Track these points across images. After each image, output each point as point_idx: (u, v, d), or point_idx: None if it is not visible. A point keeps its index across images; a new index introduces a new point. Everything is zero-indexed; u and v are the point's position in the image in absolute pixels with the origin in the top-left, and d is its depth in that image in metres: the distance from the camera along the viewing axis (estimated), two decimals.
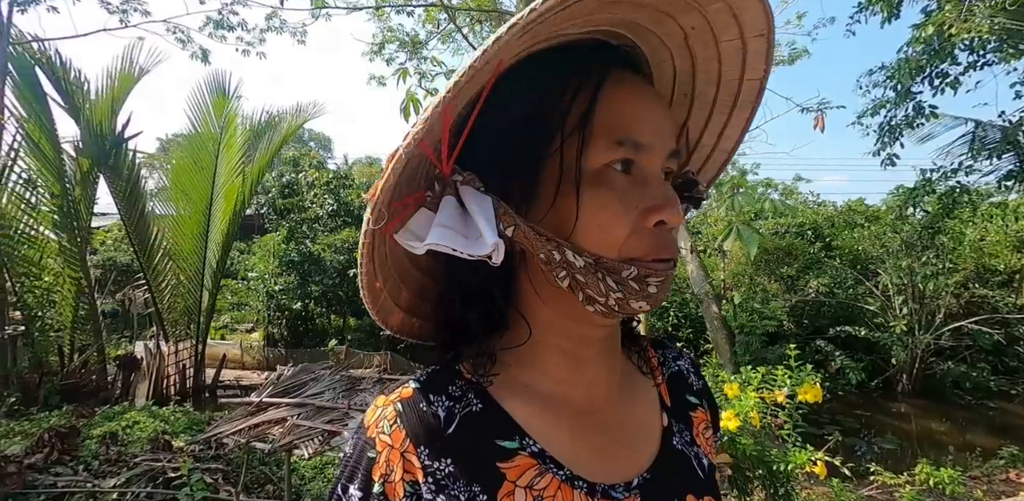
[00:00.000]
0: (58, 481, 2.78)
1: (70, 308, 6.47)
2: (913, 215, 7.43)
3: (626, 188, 0.43)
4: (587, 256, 0.42)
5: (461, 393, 0.48)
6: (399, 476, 0.44)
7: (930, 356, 7.92)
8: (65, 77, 6.36)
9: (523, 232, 0.42)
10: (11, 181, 6.00)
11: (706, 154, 0.58)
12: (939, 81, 4.61)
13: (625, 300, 0.42)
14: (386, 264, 0.49)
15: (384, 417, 0.47)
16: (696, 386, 0.61)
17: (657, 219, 0.42)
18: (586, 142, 0.42)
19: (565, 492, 0.45)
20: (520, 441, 0.46)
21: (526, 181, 0.44)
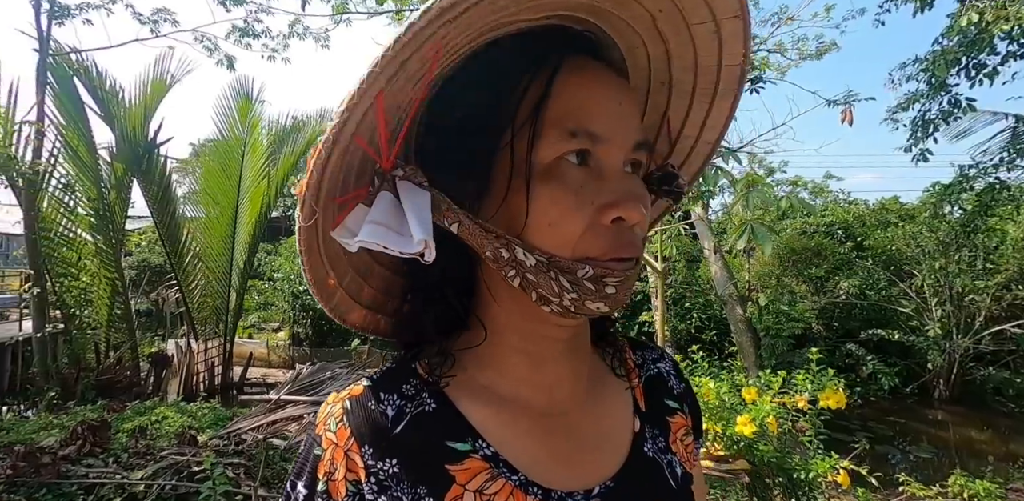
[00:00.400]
0: (89, 472, 2.89)
1: (106, 307, 6.75)
2: (951, 213, 7.12)
3: (581, 182, 0.40)
4: (539, 254, 0.40)
5: (415, 392, 0.46)
6: (342, 475, 0.43)
7: (969, 361, 7.57)
8: (101, 86, 6.64)
9: (467, 229, 0.41)
10: (51, 186, 6.30)
11: (689, 146, 0.55)
12: (976, 72, 4.40)
13: (581, 301, 0.40)
14: (341, 261, 0.47)
15: (332, 414, 0.46)
16: (677, 389, 0.58)
17: (614, 215, 0.40)
18: (537, 134, 0.40)
19: (517, 498, 0.43)
20: (473, 443, 0.44)
21: (476, 176, 0.42)
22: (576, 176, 0.41)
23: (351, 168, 0.41)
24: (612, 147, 0.41)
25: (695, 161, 0.56)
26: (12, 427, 3.97)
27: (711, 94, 0.50)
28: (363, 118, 0.36)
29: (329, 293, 0.48)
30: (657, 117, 0.52)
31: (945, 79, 4.60)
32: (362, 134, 0.37)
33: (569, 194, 0.40)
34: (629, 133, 0.42)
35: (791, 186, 17.00)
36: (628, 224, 0.41)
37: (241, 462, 3.09)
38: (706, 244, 6.75)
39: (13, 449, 2.94)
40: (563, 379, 0.49)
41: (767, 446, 2.11)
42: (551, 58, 0.42)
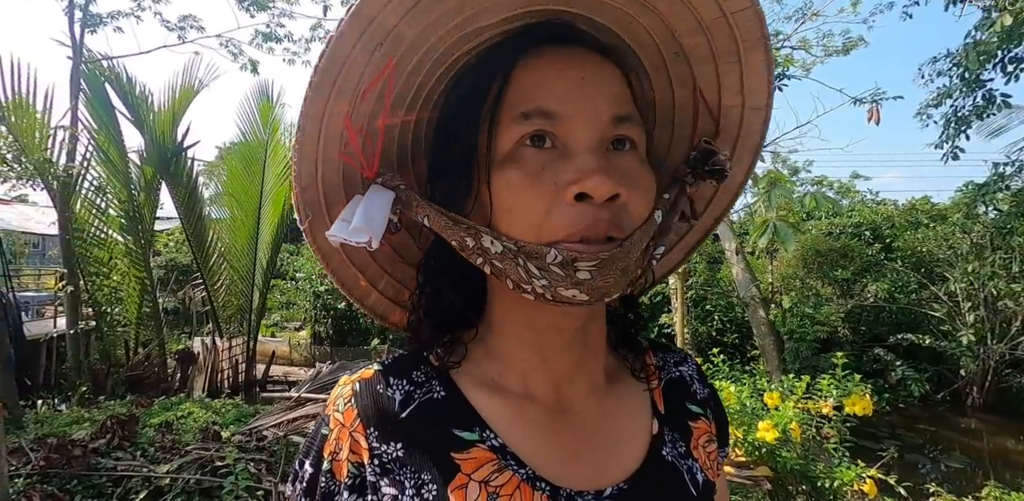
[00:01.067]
0: (118, 465, 2.98)
1: (135, 305, 6.96)
2: (985, 214, 6.85)
3: (541, 163, 0.40)
4: (506, 241, 0.40)
5: (424, 379, 0.47)
6: (345, 455, 0.44)
7: (1005, 368, 7.27)
8: (131, 92, 6.86)
9: (434, 220, 0.42)
10: (84, 188, 6.52)
11: (737, 117, 0.49)
12: (1013, 67, 4.22)
13: (552, 288, 0.39)
14: (371, 265, 0.50)
15: (341, 396, 0.47)
16: (700, 395, 0.56)
17: (576, 191, 0.38)
18: (495, 125, 0.41)
19: (524, 492, 0.42)
20: (480, 433, 0.44)
21: (460, 175, 0.44)
22: (535, 158, 0.40)
23: (352, 179, 0.45)
24: (576, 123, 0.40)
25: (751, 133, 0.51)
26: (46, 420, 4.12)
27: (735, 53, 0.45)
28: (341, 138, 0.41)
29: (362, 294, 0.51)
30: (688, 92, 0.49)
31: (978, 74, 4.42)
32: (349, 155, 0.42)
33: (523, 176, 0.40)
34: (599, 107, 0.41)
35: (816, 185, 16.62)
36: (597, 201, 0.38)
37: (262, 458, 3.14)
38: (728, 245, 6.63)
39: (46, 441, 3.04)
40: (572, 373, 0.48)
41: (790, 453, 2.06)
42: (512, 54, 0.42)
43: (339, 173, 0.44)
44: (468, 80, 0.45)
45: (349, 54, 0.37)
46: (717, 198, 0.55)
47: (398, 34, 0.38)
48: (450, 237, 0.42)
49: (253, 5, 7.39)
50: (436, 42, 0.41)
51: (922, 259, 8.43)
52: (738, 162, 0.52)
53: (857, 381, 2.12)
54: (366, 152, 0.43)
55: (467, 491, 0.41)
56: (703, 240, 0.58)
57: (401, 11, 0.36)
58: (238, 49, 7.90)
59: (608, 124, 0.41)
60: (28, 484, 2.76)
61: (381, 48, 0.38)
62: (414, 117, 0.46)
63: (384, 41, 0.38)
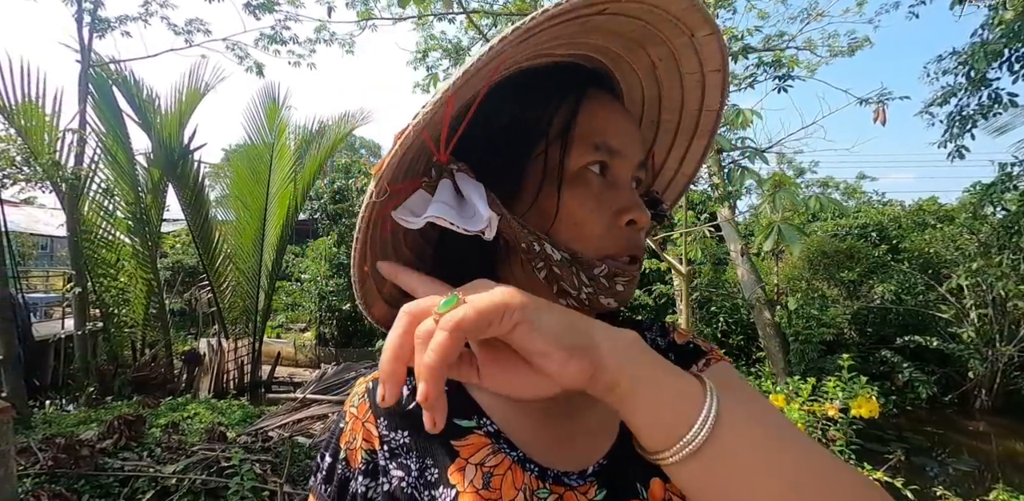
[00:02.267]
0: (125, 465, 3.00)
1: (142, 306, 7.01)
2: (993, 214, 6.79)
3: (601, 189, 0.47)
4: (564, 250, 0.45)
5: None
6: (359, 444, 0.49)
7: (1014, 370, 7.19)
8: (138, 95, 6.92)
9: (507, 222, 0.45)
10: (92, 190, 6.58)
11: (669, 177, 0.63)
12: (1020, 66, 4.18)
13: (595, 295, 0.45)
14: (375, 249, 0.51)
15: (356, 393, 0.52)
16: (661, 347, 0.57)
17: (629, 218, 0.46)
18: (568, 146, 0.47)
19: (515, 472, 0.46)
20: (477, 421, 0.49)
21: (511, 179, 0.48)
22: (597, 184, 0.47)
23: (403, 161, 0.45)
24: (625, 161, 0.48)
25: (673, 191, 0.64)
26: (54, 420, 4.16)
27: (691, 133, 0.58)
28: (433, 116, 0.40)
29: (361, 278, 0.51)
30: (644, 142, 0.58)
31: (985, 73, 4.39)
32: (429, 130, 0.42)
33: (592, 198, 0.46)
34: (637, 152, 0.50)
35: (822, 187, 16.53)
36: (639, 228, 0.47)
37: (268, 459, 3.16)
38: (733, 246, 6.61)
39: (54, 441, 3.07)
40: None
41: None
42: (576, 86, 0.49)
43: (412, 152, 0.44)
44: (527, 88, 0.48)
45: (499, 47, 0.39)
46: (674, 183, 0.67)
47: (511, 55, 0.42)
48: (520, 240, 0.45)
49: (259, 8, 7.44)
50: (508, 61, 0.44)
51: (929, 260, 8.36)
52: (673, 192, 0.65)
53: (863, 383, 2.11)
54: (448, 136, 0.44)
55: (465, 473, 0.46)
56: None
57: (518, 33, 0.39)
58: (244, 52, 7.96)
59: (636, 166, 0.50)
60: (36, 484, 2.79)
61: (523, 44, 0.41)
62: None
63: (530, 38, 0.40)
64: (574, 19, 0.42)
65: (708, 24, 0.47)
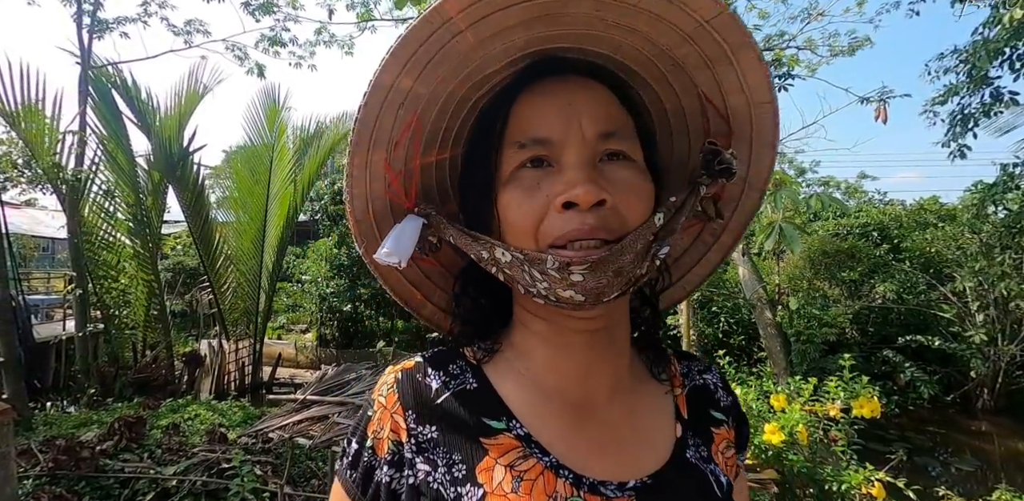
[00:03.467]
0: (125, 467, 3.00)
1: (143, 308, 7.01)
2: (995, 214, 6.78)
3: (536, 180, 0.46)
4: (514, 250, 0.45)
5: (459, 372, 0.51)
6: (386, 434, 0.48)
7: (1016, 369, 7.18)
8: (138, 97, 6.93)
9: (456, 238, 0.50)
10: (92, 192, 6.59)
11: (746, 114, 0.52)
12: (1021, 64, 4.17)
13: (552, 290, 0.44)
14: (425, 283, 0.59)
15: (385, 382, 0.52)
16: (724, 403, 0.59)
17: (563, 200, 0.43)
18: (499, 153, 0.48)
19: (548, 478, 0.45)
20: (507, 422, 0.48)
21: (479, 200, 0.50)
22: (532, 177, 0.46)
23: (399, 210, 0.53)
24: (567, 147, 0.46)
25: (763, 128, 0.52)
26: (55, 422, 4.16)
27: (725, 55, 0.47)
28: (384, 179, 0.49)
29: (418, 306, 0.59)
30: (694, 98, 0.52)
31: (986, 71, 4.37)
32: (391, 190, 0.51)
33: (521, 192, 0.46)
34: (585, 128, 0.46)
35: (823, 186, 16.51)
36: (583, 207, 0.43)
37: (268, 460, 3.15)
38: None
39: (55, 443, 3.07)
40: (594, 372, 0.51)
41: (797, 456, 2.04)
42: (514, 91, 0.49)
43: (387, 207, 0.52)
44: (484, 118, 0.51)
45: (377, 117, 0.45)
46: (745, 197, 0.57)
47: (415, 93, 0.45)
48: (470, 251, 0.49)
49: (258, 10, 7.45)
50: (453, 91, 0.48)
51: (931, 260, 8.34)
52: (758, 160, 0.54)
53: (865, 383, 2.10)
54: (406, 189, 0.51)
55: (493, 473, 0.45)
56: (739, 240, 0.61)
57: (413, 75, 0.43)
58: (244, 53, 7.96)
59: (595, 141, 0.46)
60: (37, 485, 2.79)
61: (403, 107, 0.45)
62: (447, 155, 0.54)
63: (404, 101, 0.45)
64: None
65: None
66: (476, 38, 0.43)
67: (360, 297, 10.49)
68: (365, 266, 5.17)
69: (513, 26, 0.44)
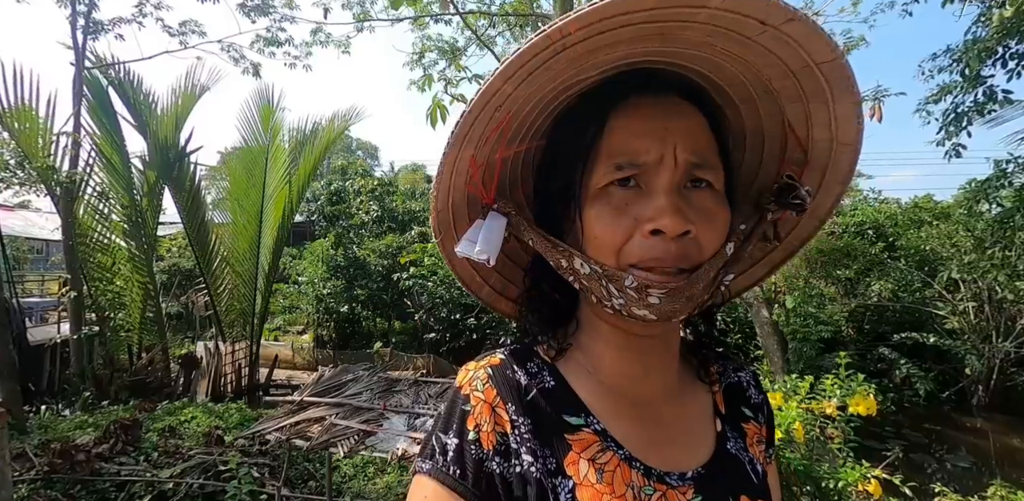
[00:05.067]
0: (121, 470, 2.98)
1: (138, 310, 6.98)
2: (989, 211, 6.81)
3: (626, 201, 0.48)
4: (593, 264, 0.48)
5: (537, 370, 0.55)
6: (491, 427, 0.50)
7: (1011, 366, 7.22)
8: (134, 97, 6.90)
9: (537, 242, 0.52)
10: (87, 194, 6.55)
11: (827, 149, 0.53)
12: (1014, 63, 4.19)
13: (627, 306, 0.47)
14: (485, 267, 0.59)
15: (477, 378, 0.54)
16: (754, 400, 0.63)
17: (651, 227, 0.45)
18: (589, 168, 0.49)
19: (623, 470, 0.49)
20: (585, 419, 0.52)
21: (562, 205, 0.53)
22: (621, 196, 0.48)
23: (474, 204, 0.56)
24: (659, 172, 0.47)
25: (840, 165, 0.54)
26: (49, 425, 4.13)
27: (823, 94, 0.48)
28: (467, 174, 0.52)
29: (477, 288, 0.63)
30: (777, 123, 0.54)
31: (979, 70, 4.39)
32: (472, 183, 0.53)
33: (610, 211, 0.48)
34: (679, 157, 0.47)
35: None
36: (670, 236, 0.45)
37: (266, 462, 3.14)
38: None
39: (50, 446, 3.05)
40: (651, 373, 0.56)
41: (793, 454, 2.05)
42: (607, 103, 0.50)
43: (464, 200, 0.55)
44: (570, 122, 0.53)
45: (476, 118, 0.47)
46: (803, 223, 0.59)
47: (515, 97, 0.46)
48: (549, 257, 0.52)
49: (254, 10, 7.43)
50: (545, 94, 0.49)
51: (925, 257, 8.38)
52: (827, 191, 0.56)
53: (860, 380, 2.11)
54: (485, 183, 0.53)
55: (579, 466, 0.48)
56: (788, 259, 0.63)
57: (516, 82, 0.45)
58: (239, 54, 7.94)
59: (685, 170, 0.47)
60: (32, 489, 2.77)
61: (500, 109, 0.47)
62: (523, 148, 0.56)
63: (503, 104, 0.46)
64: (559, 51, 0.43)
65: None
66: (585, 50, 0.44)
67: (357, 298, 10.47)
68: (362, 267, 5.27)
69: (623, 41, 0.45)
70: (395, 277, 9.79)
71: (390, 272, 10.26)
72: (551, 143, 0.56)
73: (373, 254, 10.72)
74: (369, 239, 11.45)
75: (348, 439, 2.23)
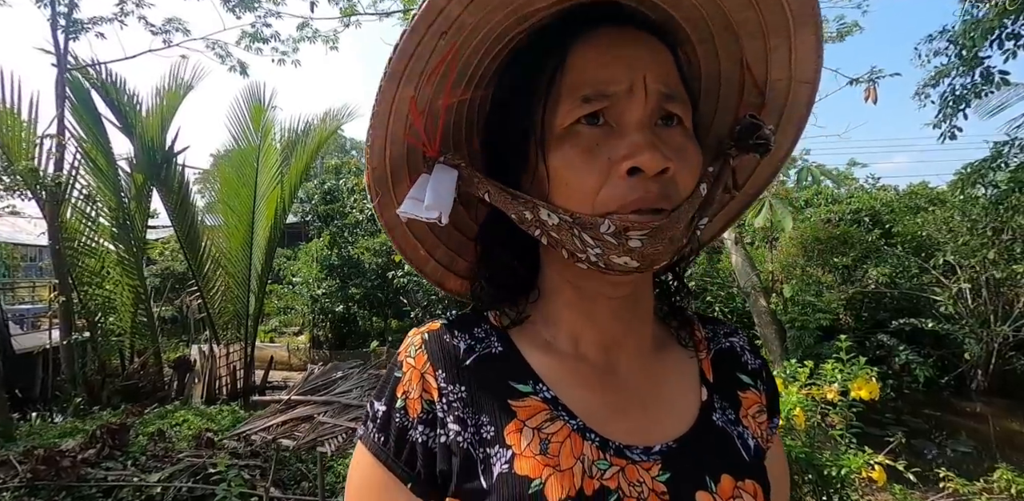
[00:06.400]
0: (108, 475, 2.91)
1: (129, 314, 6.88)
2: (985, 195, 6.78)
3: (595, 140, 0.43)
4: (562, 213, 0.43)
5: (484, 335, 0.51)
6: (418, 394, 0.47)
7: (1009, 350, 7.22)
8: (118, 97, 6.78)
9: (494, 195, 0.47)
10: (73, 197, 6.44)
11: (784, 90, 0.50)
12: (1010, 43, 4.12)
13: (605, 256, 0.43)
14: (429, 237, 0.56)
15: (412, 344, 0.51)
16: (751, 365, 0.57)
17: (628, 165, 0.41)
18: (551, 105, 0.44)
19: (575, 440, 0.45)
20: (533, 386, 0.48)
21: (516, 153, 0.47)
22: (590, 135, 0.43)
23: (415, 160, 0.49)
24: (630, 104, 0.43)
25: (797, 105, 0.52)
26: (38, 432, 4.05)
27: (785, 27, 0.45)
28: (406, 120, 0.44)
29: (421, 262, 0.57)
30: (734, 65, 0.50)
31: (976, 52, 4.33)
32: (413, 135, 0.46)
33: (580, 153, 0.43)
34: (649, 87, 0.43)
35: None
36: (649, 174, 0.41)
37: (257, 464, 3.08)
38: (726, 234, 6.57)
39: (33, 453, 2.97)
40: (619, 338, 0.51)
41: (794, 441, 1.99)
42: (567, 34, 0.45)
43: (404, 155, 0.48)
44: (524, 60, 0.47)
45: (418, 44, 0.41)
46: (759, 170, 0.57)
47: (461, 22, 0.41)
48: (510, 211, 0.46)
49: (239, 6, 7.30)
50: (495, 25, 0.44)
51: (922, 243, 8.37)
52: (783, 133, 0.53)
53: (862, 364, 2.05)
54: (428, 132, 0.47)
55: (522, 434, 0.44)
56: (744, 211, 0.61)
57: (465, 2, 0.40)
58: (225, 51, 7.82)
59: (656, 102, 0.43)
60: (15, 497, 2.70)
61: (446, 36, 0.41)
62: (470, 95, 0.50)
63: (449, 29, 0.41)
64: None
65: None
66: None
67: (352, 297, 10.39)
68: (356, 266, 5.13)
69: None
70: (390, 275, 9.71)
71: (385, 270, 10.18)
72: (503, 86, 0.50)
73: (367, 252, 10.63)
74: (363, 237, 11.36)
75: (336, 437, 2.17)
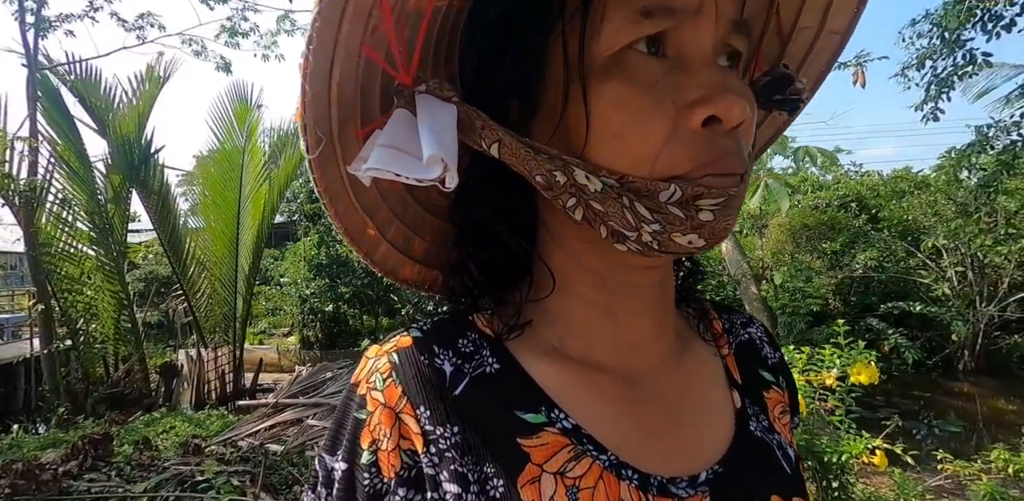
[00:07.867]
0: (92, 487, 2.81)
1: (111, 321, 6.71)
2: (968, 179, 6.85)
3: (656, 76, 0.31)
4: (606, 176, 0.31)
5: (473, 349, 0.38)
6: (394, 443, 0.34)
7: (995, 330, 7.34)
8: (91, 94, 6.56)
9: (510, 149, 0.32)
10: (48, 202, 6.25)
11: (810, 39, 0.43)
12: (992, 24, 4.13)
13: (666, 234, 0.31)
14: (381, 209, 0.41)
15: (376, 370, 0.37)
16: (772, 360, 0.48)
17: (706, 114, 0.30)
18: (594, 19, 0.31)
19: (609, 483, 0.34)
20: (548, 413, 0.36)
21: (524, 86, 0.34)
22: (648, 69, 0.31)
23: (371, 93, 0.34)
24: (699, 26, 0.31)
25: (820, 58, 0.44)
26: (18, 445, 3.93)
27: None
28: (367, 27, 0.29)
29: (371, 246, 0.42)
30: (762, 6, 0.41)
31: (959, 33, 4.34)
32: (374, 47, 0.31)
33: (639, 92, 0.31)
34: (723, 7, 0.32)
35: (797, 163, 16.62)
36: (726, 127, 0.31)
37: (247, 469, 3.00)
38: None
39: (12, 467, 2.87)
40: (647, 339, 0.40)
41: (794, 429, 1.97)
42: None
43: (357, 83, 0.33)
44: None
45: None
46: (762, 130, 0.48)
47: None
48: (533, 172, 0.33)
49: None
50: None
51: (908, 227, 8.47)
52: (819, 61, 0.46)
53: (861, 348, 2.03)
54: (401, 43, 0.31)
55: (541, 486, 0.33)
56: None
57: None
58: (201, 46, 7.62)
59: (725, 30, 0.32)
60: None
61: None
62: (446, 2, 0.34)
63: None
64: None
65: None
66: None
67: (342, 296, 10.28)
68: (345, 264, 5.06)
69: None
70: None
71: None
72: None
73: None
74: None
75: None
